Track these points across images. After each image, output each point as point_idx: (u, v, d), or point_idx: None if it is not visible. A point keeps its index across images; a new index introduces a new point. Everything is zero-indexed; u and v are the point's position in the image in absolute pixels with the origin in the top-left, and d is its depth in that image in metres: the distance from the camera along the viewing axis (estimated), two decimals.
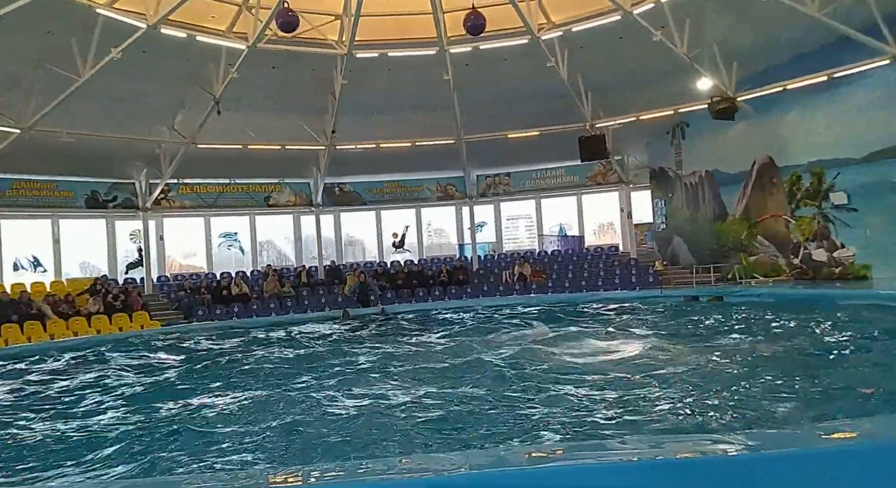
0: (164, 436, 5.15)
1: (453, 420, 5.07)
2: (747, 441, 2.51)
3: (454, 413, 5.29)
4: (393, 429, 4.83)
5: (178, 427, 5.40)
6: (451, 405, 5.56)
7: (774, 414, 4.63)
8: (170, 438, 5.10)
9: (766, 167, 17.66)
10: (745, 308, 13.56)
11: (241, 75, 16.97)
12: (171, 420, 5.75)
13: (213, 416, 5.69)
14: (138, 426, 5.56)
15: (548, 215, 24.00)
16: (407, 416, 5.27)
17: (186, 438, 5.04)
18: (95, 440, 5.16)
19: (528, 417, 5.00)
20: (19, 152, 16.08)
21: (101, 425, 5.71)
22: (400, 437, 4.60)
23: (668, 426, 4.42)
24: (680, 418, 4.65)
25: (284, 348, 10.82)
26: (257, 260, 22.45)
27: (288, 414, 5.61)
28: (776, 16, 14.71)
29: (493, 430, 4.68)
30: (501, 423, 4.84)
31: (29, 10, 13.18)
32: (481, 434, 4.57)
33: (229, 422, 5.47)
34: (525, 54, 17.83)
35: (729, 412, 4.81)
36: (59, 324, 15.63)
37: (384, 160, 21.59)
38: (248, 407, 5.94)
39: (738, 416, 4.66)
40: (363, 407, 5.69)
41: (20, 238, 18.54)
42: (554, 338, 9.81)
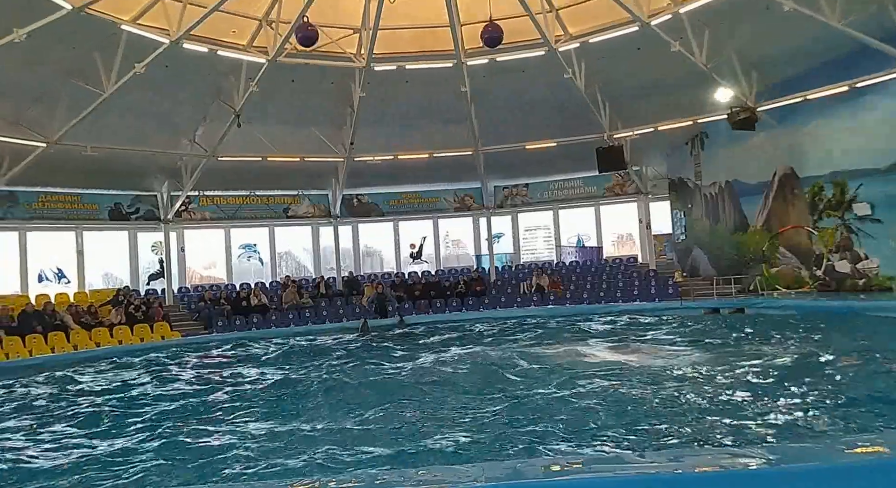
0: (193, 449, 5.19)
1: (469, 430, 5.05)
2: (768, 454, 2.48)
3: (469, 424, 5.27)
4: (409, 439, 4.82)
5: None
6: (465, 416, 5.55)
7: (797, 426, 4.55)
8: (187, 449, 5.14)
9: (788, 177, 17.46)
10: (767, 319, 13.42)
11: (261, 89, 17.18)
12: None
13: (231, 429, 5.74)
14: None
15: (566, 226, 23.90)
16: (422, 426, 5.26)
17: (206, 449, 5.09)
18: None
19: (542, 428, 4.97)
20: (45, 166, 16.38)
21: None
22: (415, 447, 4.59)
23: (688, 438, 4.37)
24: (699, 429, 4.59)
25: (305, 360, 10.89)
26: (276, 271, 22.61)
27: (306, 424, 5.63)
28: (796, 25, 14.57)
29: (508, 442, 4.65)
30: (517, 435, 4.82)
31: (55, 26, 13.47)
32: (497, 446, 4.55)
33: (249, 434, 5.51)
34: (542, 65, 17.85)
35: (750, 424, 4.74)
36: (81, 334, 15.84)
37: (402, 171, 21.69)
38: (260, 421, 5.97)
39: (759, 428, 4.59)
40: (385, 418, 5.69)
41: (45, 250, 18.84)
42: (570, 348, 9.76)
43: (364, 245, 24.03)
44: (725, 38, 16.10)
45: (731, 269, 18.87)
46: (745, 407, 5.41)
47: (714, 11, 15.29)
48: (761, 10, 14.77)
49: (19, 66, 14.35)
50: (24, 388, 9.77)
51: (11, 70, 14.35)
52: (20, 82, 15.10)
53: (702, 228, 20.58)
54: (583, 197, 23.25)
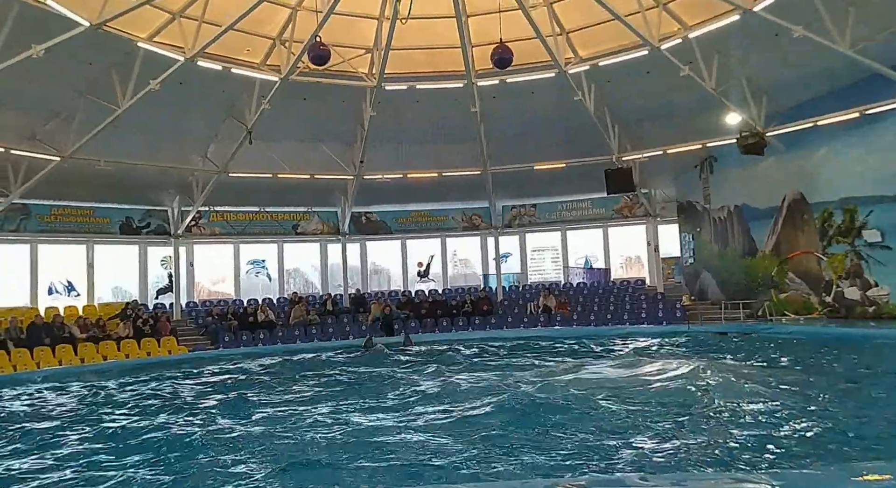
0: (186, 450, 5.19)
1: (470, 451, 5.02)
2: (772, 481, 2.46)
3: (471, 443, 5.24)
4: (409, 458, 4.80)
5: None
6: (467, 436, 5.52)
7: (802, 453, 4.50)
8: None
9: (797, 203, 17.41)
10: (775, 345, 13.30)
11: (273, 106, 17.37)
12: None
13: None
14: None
15: (573, 247, 23.87)
16: (426, 445, 5.24)
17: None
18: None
19: (548, 448, 4.94)
20: (59, 179, 16.58)
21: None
22: (415, 466, 4.57)
23: (692, 462, 4.33)
24: (703, 454, 4.55)
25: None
26: (284, 287, 22.66)
27: (303, 442, 5.62)
28: (807, 52, 14.65)
29: (512, 461, 4.62)
30: (520, 454, 4.78)
31: (73, 42, 13.73)
32: (500, 466, 4.52)
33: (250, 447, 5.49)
34: (552, 87, 17.98)
35: (756, 449, 4.69)
36: (89, 347, 15.89)
37: (411, 190, 21.79)
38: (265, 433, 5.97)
39: (765, 454, 4.54)
40: (390, 435, 5.67)
41: (56, 262, 18.99)
42: (577, 371, 9.70)
43: (372, 262, 24.07)
44: (735, 63, 16.20)
45: (739, 294, 18.75)
46: (750, 431, 5.36)
47: (724, 37, 15.41)
48: (771, 37, 14.86)
49: (37, 81, 14.60)
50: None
51: (29, 85, 14.61)
52: (37, 97, 15.37)
53: (710, 252, 20.50)
54: (591, 218, 23.25)
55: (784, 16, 13.93)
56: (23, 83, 14.38)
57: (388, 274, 24.62)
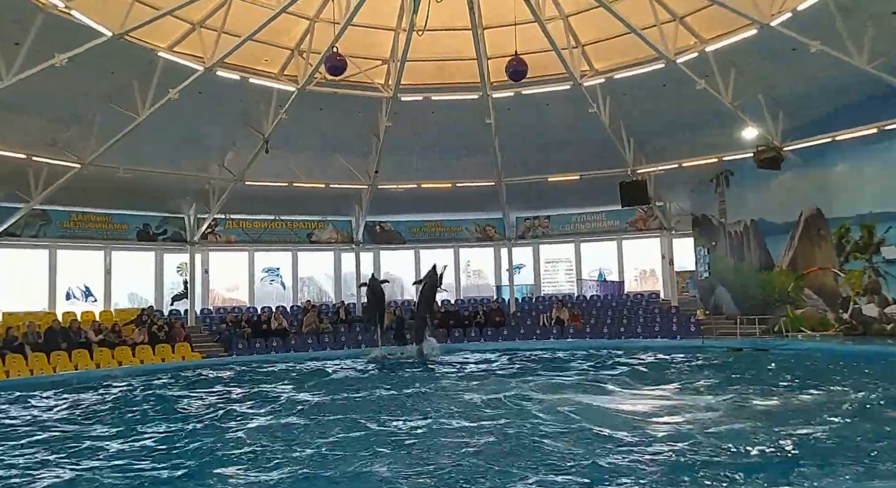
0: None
1: (469, 468, 5.01)
2: None
3: (471, 460, 5.24)
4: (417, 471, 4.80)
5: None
6: (470, 452, 5.51)
7: (816, 471, 4.45)
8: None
9: (814, 218, 17.26)
10: (791, 361, 13.15)
11: (289, 116, 17.55)
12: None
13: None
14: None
15: (587, 259, 23.78)
16: (426, 459, 5.24)
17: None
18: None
19: (558, 465, 4.92)
20: (79, 186, 16.83)
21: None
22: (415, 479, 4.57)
23: (703, 479, 4.30)
24: (714, 472, 4.51)
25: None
26: (298, 295, 22.76)
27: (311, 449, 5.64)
28: (824, 67, 14.57)
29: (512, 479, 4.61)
30: (521, 471, 4.77)
31: (95, 51, 13.96)
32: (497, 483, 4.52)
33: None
34: (567, 100, 18.00)
35: (771, 467, 4.65)
36: (104, 352, 16.05)
37: (425, 200, 21.86)
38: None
39: (780, 471, 4.50)
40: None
41: (74, 268, 19.23)
42: (587, 386, 9.64)
43: (385, 272, 24.12)
44: (752, 78, 16.13)
45: (755, 309, 18.57)
46: (763, 450, 5.32)
47: (741, 51, 15.37)
48: (788, 51, 14.79)
49: (59, 89, 14.83)
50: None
51: (51, 93, 14.84)
52: (59, 105, 15.62)
53: (726, 266, 20.33)
54: (605, 231, 23.17)
55: (801, 31, 13.88)
56: (45, 91, 14.61)
57: (401, 283, 24.65)
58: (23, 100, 14.61)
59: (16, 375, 14.13)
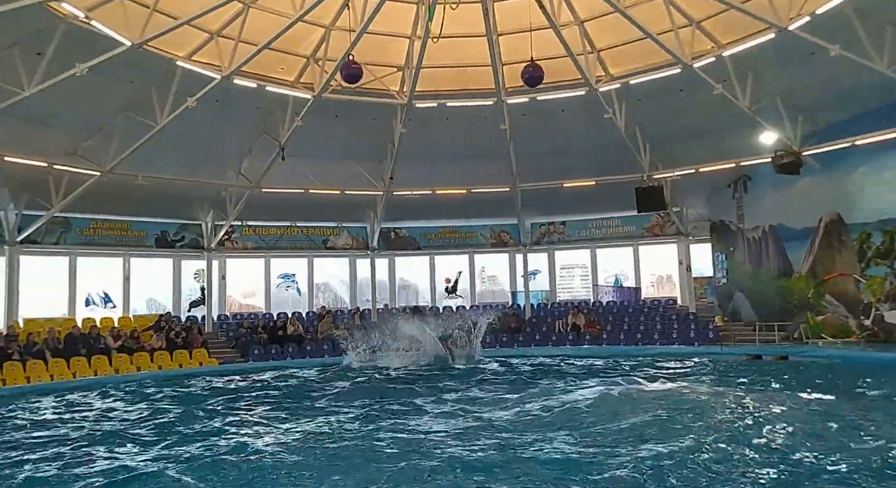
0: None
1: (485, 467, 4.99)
2: None
3: (486, 459, 5.22)
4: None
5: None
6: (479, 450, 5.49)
7: (835, 482, 4.38)
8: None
9: (834, 224, 17.02)
10: (811, 369, 12.96)
11: (305, 123, 17.66)
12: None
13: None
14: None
15: (603, 265, 23.65)
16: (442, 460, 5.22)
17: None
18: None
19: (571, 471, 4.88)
20: (98, 194, 17.04)
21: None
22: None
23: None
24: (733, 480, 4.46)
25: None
26: (313, 301, 22.85)
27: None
28: (844, 70, 14.41)
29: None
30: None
31: (115, 61, 14.16)
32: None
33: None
34: (582, 105, 17.95)
35: (790, 472, 4.58)
36: (123, 358, 16.20)
37: (440, 206, 21.87)
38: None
39: (801, 478, 4.43)
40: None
41: (94, 274, 19.45)
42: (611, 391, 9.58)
43: (400, 278, 24.16)
44: (770, 82, 15.99)
45: (774, 316, 18.34)
46: (781, 460, 5.24)
47: (758, 55, 15.23)
48: (807, 55, 14.65)
49: (79, 98, 15.06)
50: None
51: (71, 102, 15.06)
52: (79, 114, 15.84)
53: (744, 272, 20.12)
54: (621, 236, 23.03)
55: (820, 34, 13.74)
56: (66, 100, 14.83)
57: (416, 289, 24.67)
58: (44, 109, 14.84)
59: (36, 380, 14.29)
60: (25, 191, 16.72)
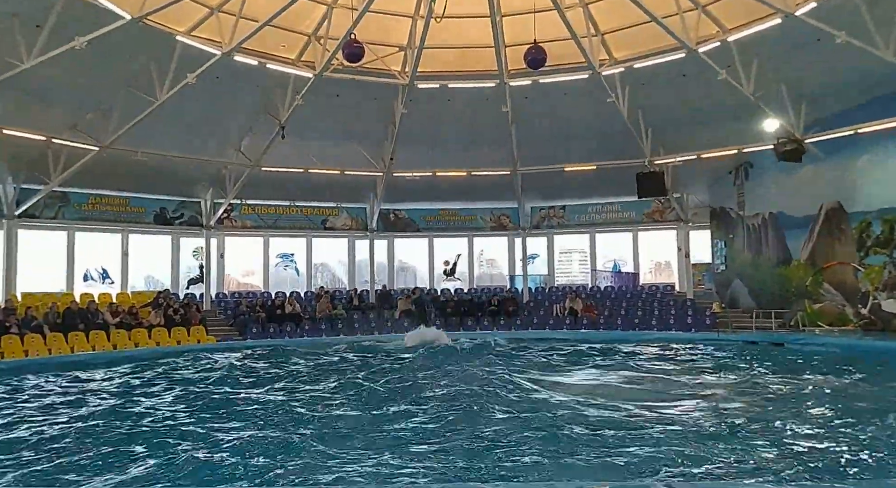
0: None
1: (480, 448, 5.01)
2: None
3: (483, 441, 5.23)
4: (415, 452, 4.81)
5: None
6: (482, 433, 5.50)
7: (832, 468, 4.40)
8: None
9: (835, 212, 17.01)
10: (807, 357, 12.98)
11: (306, 102, 17.55)
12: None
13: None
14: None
15: (602, 250, 23.65)
16: (434, 442, 5.24)
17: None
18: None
19: (570, 448, 4.90)
20: (97, 169, 16.97)
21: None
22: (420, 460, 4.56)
23: (719, 470, 4.26)
24: (731, 462, 4.47)
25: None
26: (311, 281, 22.86)
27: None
28: (849, 58, 14.31)
29: (526, 460, 4.60)
30: (534, 454, 4.76)
31: (115, 35, 14.04)
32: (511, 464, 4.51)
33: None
34: (585, 89, 17.84)
35: (786, 460, 4.59)
36: (121, 334, 16.22)
37: (440, 188, 21.82)
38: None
39: (796, 465, 4.45)
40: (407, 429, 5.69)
41: (92, 250, 19.41)
42: (607, 371, 9.62)
43: (398, 260, 24.15)
44: (775, 69, 15.88)
45: (772, 303, 18.39)
46: (781, 441, 5.26)
47: (764, 41, 15.13)
48: (812, 42, 14.54)
49: (78, 73, 14.94)
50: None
51: (71, 76, 14.94)
52: (78, 89, 15.71)
53: (743, 260, 20.13)
54: (620, 222, 23.01)
55: (827, 21, 13.63)
56: (66, 74, 14.72)
57: (415, 271, 24.68)
58: (44, 83, 14.74)
59: (34, 355, 14.32)
60: (24, 165, 16.64)
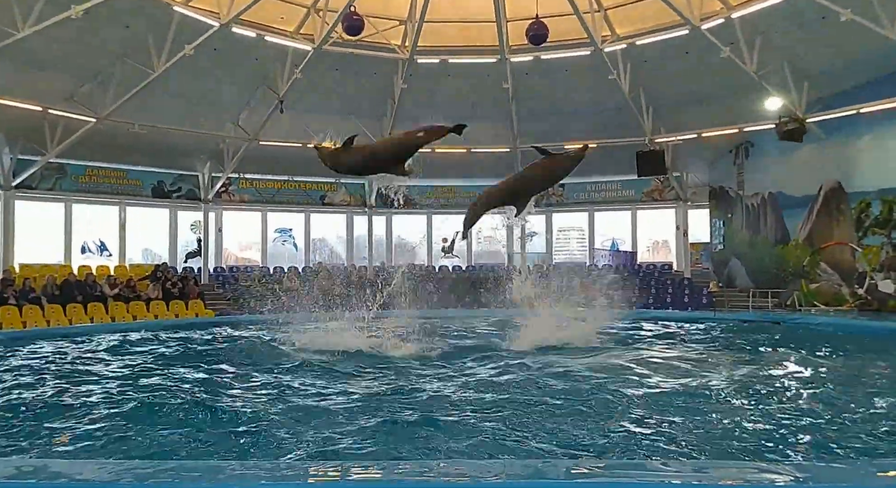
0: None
1: (495, 426, 5.04)
2: (796, 472, 2.43)
3: (497, 419, 5.27)
4: (437, 431, 4.84)
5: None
6: (496, 411, 5.54)
7: (827, 445, 4.45)
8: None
9: (834, 192, 17.00)
10: (802, 335, 13.06)
11: (305, 76, 17.38)
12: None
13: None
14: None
15: (600, 229, 23.67)
16: (449, 418, 5.28)
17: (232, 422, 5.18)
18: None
19: (571, 429, 4.94)
20: (94, 141, 16.86)
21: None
22: (439, 440, 4.60)
23: (714, 448, 4.31)
24: (726, 441, 4.52)
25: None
26: (310, 256, 22.88)
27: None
28: (853, 37, 14.18)
29: (534, 440, 4.64)
30: (543, 433, 4.80)
31: (111, 5, 13.83)
32: (521, 443, 4.55)
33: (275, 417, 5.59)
34: (587, 66, 17.69)
35: (780, 439, 4.64)
36: (119, 306, 16.27)
37: (439, 165, 21.67)
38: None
39: (789, 444, 4.50)
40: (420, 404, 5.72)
41: (89, 222, 19.38)
42: (607, 354, 9.66)
43: (397, 236, 24.16)
44: (778, 47, 15.74)
45: (769, 283, 18.46)
46: (775, 421, 5.31)
47: (768, 18, 14.97)
48: (817, 20, 14.39)
49: (75, 43, 14.76)
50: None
51: (67, 46, 14.77)
52: (75, 59, 15.54)
53: (741, 239, 20.16)
54: (620, 200, 22.98)
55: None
56: (62, 45, 14.55)
57: (413, 248, 24.70)
58: (40, 53, 14.55)
59: (32, 325, 14.36)
60: (21, 136, 16.51)
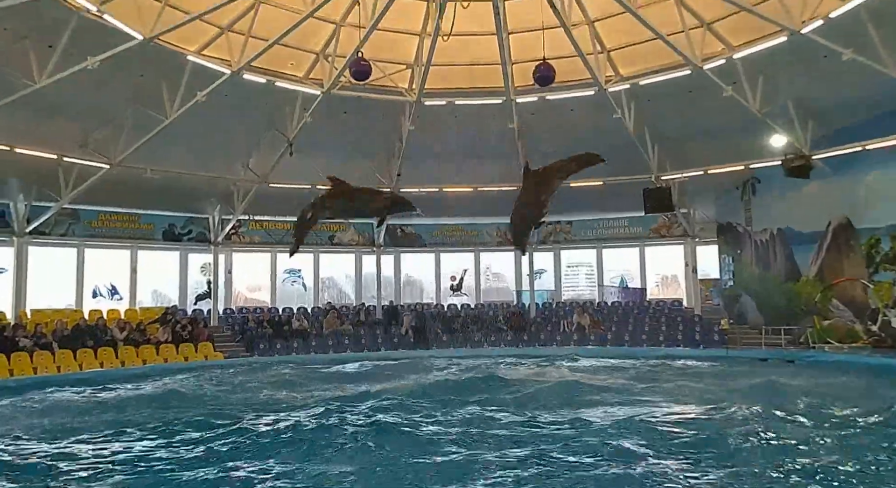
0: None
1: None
2: None
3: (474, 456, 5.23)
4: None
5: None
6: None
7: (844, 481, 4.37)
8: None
9: (843, 228, 16.95)
10: (817, 373, 12.90)
11: (314, 119, 17.67)
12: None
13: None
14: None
15: (609, 265, 23.62)
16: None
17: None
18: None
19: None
20: (107, 186, 17.10)
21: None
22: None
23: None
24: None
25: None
26: (319, 296, 22.89)
27: None
28: (856, 75, 14.32)
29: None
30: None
31: (126, 55, 14.20)
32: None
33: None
34: (591, 105, 17.90)
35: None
36: (129, 350, 16.28)
37: (447, 204, 21.85)
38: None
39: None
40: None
41: (101, 266, 19.52)
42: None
43: (405, 274, 24.18)
44: (781, 85, 15.91)
45: (780, 319, 18.29)
46: (785, 463, 5.25)
47: (770, 58, 15.16)
48: (819, 59, 14.56)
49: (90, 90, 15.08)
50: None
51: (82, 94, 15.09)
52: (89, 106, 15.85)
53: (751, 275, 20.05)
54: (627, 237, 22.98)
55: (833, 38, 13.66)
56: (76, 92, 14.87)
57: (421, 286, 24.70)
58: (55, 101, 14.88)
59: (43, 372, 14.38)
60: (35, 182, 16.78)
